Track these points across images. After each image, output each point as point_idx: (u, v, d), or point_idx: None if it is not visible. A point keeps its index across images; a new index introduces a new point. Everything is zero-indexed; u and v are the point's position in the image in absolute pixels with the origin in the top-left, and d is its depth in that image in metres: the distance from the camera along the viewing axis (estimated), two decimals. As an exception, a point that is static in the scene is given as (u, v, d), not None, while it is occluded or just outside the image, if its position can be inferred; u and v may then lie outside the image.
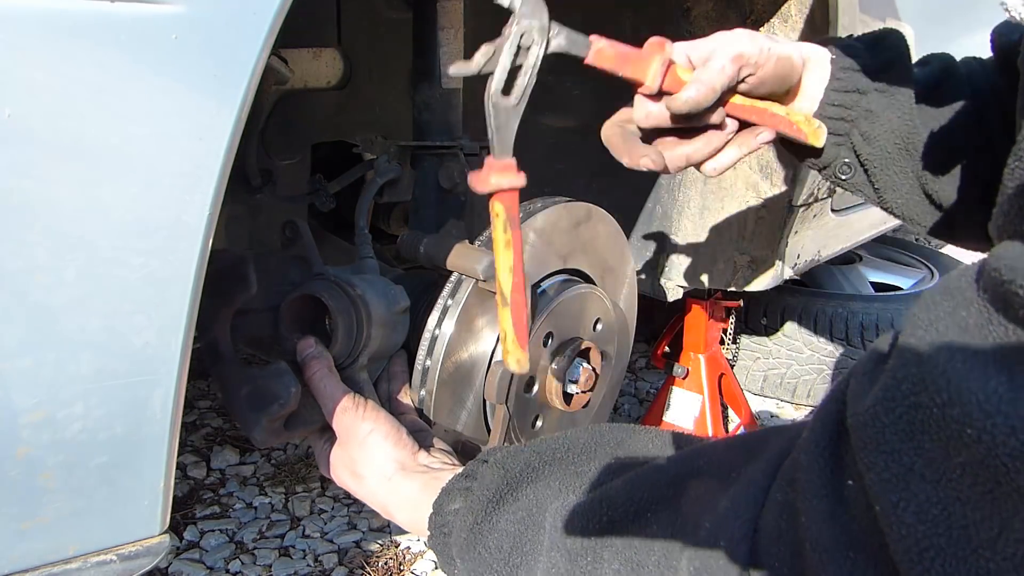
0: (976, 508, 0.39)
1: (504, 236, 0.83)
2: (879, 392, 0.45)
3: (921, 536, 0.41)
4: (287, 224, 1.06)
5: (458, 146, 1.20)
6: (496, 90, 0.78)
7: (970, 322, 0.43)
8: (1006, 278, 0.41)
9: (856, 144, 0.95)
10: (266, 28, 0.64)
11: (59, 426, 0.64)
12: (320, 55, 1.22)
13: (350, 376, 0.99)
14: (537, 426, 1.10)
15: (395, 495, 0.83)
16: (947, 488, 0.40)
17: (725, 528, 0.53)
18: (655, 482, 0.62)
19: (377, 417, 0.87)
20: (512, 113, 0.80)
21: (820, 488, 0.48)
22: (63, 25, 0.56)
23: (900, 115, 0.93)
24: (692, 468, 0.62)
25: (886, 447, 0.43)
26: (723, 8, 1.64)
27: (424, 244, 1.04)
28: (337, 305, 0.96)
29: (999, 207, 0.47)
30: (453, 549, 0.73)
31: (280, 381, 0.88)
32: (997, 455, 0.38)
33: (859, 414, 0.45)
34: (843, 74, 0.94)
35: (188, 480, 1.97)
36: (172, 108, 0.62)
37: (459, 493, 0.75)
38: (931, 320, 0.45)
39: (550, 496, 0.69)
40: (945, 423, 0.40)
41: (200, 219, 0.65)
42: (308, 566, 1.70)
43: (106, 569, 0.72)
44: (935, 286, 0.48)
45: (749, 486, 0.55)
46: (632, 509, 0.61)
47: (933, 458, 0.41)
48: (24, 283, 0.60)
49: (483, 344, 1.02)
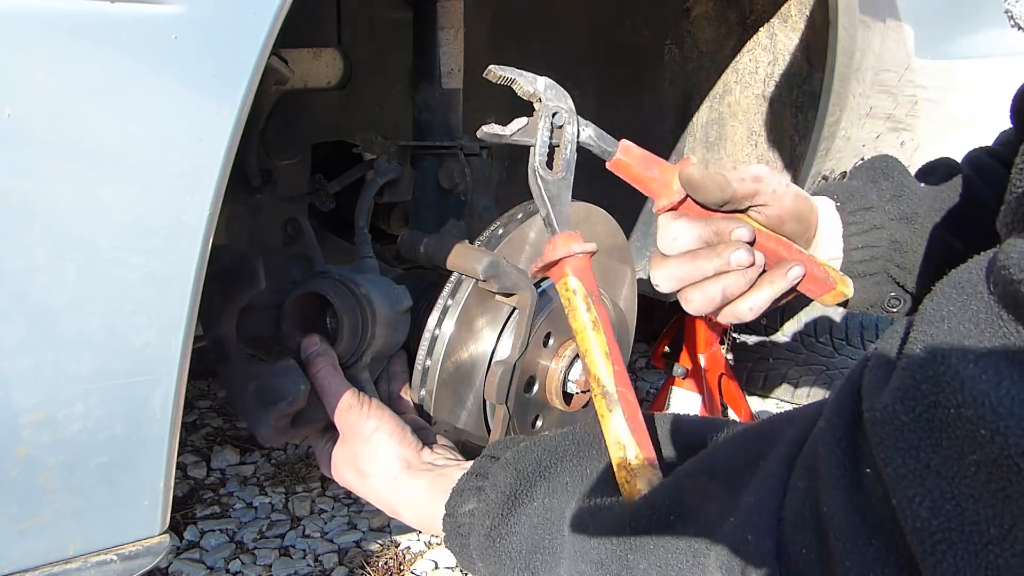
0: (988, 505, 0.40)
1: (589, 315, 0.74)
2: (897, 391, 0.46)
3: (935, 530, 0.42)
4: (289, 221, 1.06)
5: (458, 146, 1.20)
6: (540, 163, 0.78)
7: (980, 318, 0.44)
8: (1016, 278, 0.42)
9: (896, 276, 0.94)
10: (266, 28, 0.64)
11: (59, 426, 0.64)
12: (320, 55, 1.22)
13: (353, 375, 0.98)
14: (537, 426, 1.10)
15: (401, 494, 0.83)
16: (961, 485, 0.42)
17: (750, 522, 0.54)
18: (676, 487, 0.63)
19: (382, 415, 0.87)
20: (562, 185, 0.79)
21: (839, 478, 0.49)
22: (63, 25, 0.56)
23: (927, 235, 0.92)
24: (710, 467, 0.63)
25: (904, 444, 0.44)
26: (723, 8, 1.64)
27: (424, 244, 1.04)
28: (343, 303, 0.96)
29: (1007, 204, 0.47)
30: (473, 551, 0.73)
31: (288, 378, 0.87)
32: (1009, 455, 0.39)
33: (876, 410, 0.47)
34: (854, 217, 0.93)
35: (188, 480, 1.97)
36: (172, 108, 0.62)
37: (472, 493, 0.75)
38: (942, 316, 0.46)
39: (566, 497, 0.69)
40: (960, 423, 0.42)
41: (200, 219, 0.65)
42: (308, 566, 1.70)
43: (106, 569, 0.72)
44: (946, 280, 0.49)
45: (769, 479, 0.56)
46: (656, 514, 0.62)
47: (949, 456, 0.42)
48: (24, 283, 0.59)
49: (483, 344, 1.02)
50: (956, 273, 0.48)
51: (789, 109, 1.66)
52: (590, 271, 0.77)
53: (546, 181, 0.78)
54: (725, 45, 1.68)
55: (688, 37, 1.71)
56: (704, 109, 1.78)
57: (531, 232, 1.06)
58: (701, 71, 1.74)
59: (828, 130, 1.57)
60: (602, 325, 0.74)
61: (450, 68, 1.19)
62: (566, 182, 0.79)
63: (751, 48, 1.65)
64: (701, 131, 1.80)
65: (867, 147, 1.76)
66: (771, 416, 0.64)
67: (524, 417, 1.07)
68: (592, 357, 0.73)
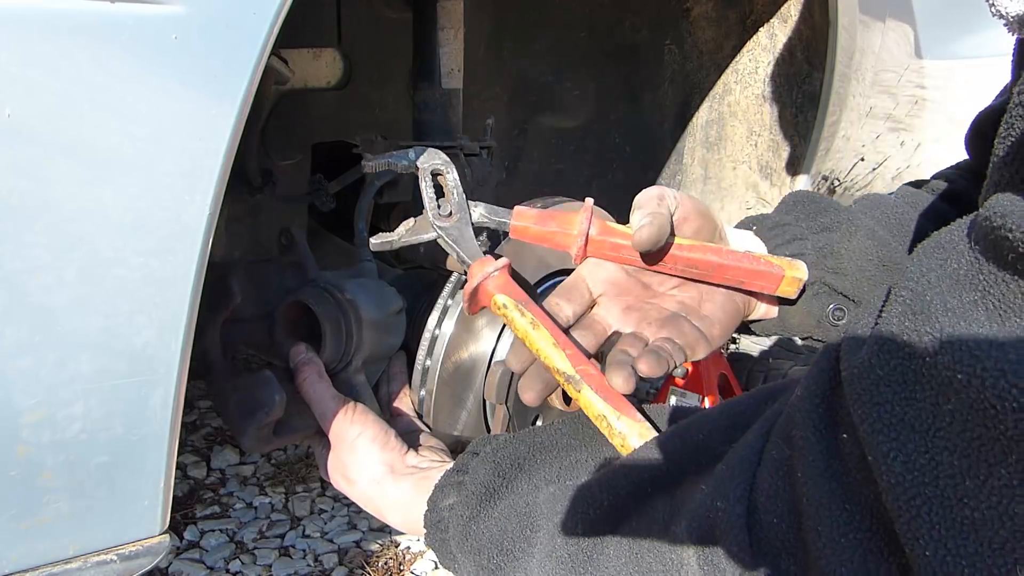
0: (963, 456, 0.39)
1: (525, 319, 0.77)
2: (873, 345, 0.45)
3: (909, 485, 0.41)
4: (283, 232, 1.08)
5: (458, 146, 1.20)
6: (434, 216, 0.84)
7: (961, 272, 0.43)
8: (996, 224, 0.41)
9: (833, 283, 0.88)
10: (266, 28, 0.64)
11: (59, 426, 0.64)
12: (320, 55, 1.22)
13: (345, 379, 1.00)
14: (537, 426, 1.10)
15: (386, 498, 0.84)
16: (936, 438, 0.41)
17: (721, 490, 0.54)
18: (654, 461, 0.62)
19: (365, 421, 0.88)
20: (460, 226, 0.84)
21: (815, 444, 0.48)
22: (63, 25, 0.56)
23: (861, 236, 0.88)
24: (690, 442, 0.62)
25: (879, 398, 0.43)
26: (723, 8, 1.64)
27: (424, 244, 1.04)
28: (324, 310, 0.98)
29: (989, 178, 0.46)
30: (452, 544, 0.73)
31: (266, 389, 0.90)
32: (986, 397, 0.38)
33: (853, 367, 0.46)
34: (772, 232, 0.90)
35: (188, 480, 1.97)
36: (172, 108, 0.62)
37: (452, 488, 0.76)
38: (922, 272, 0.45)
39: (544, 482, 0.69)
40: (936, 371, 0.41)
41: (200, 219, 0.65)
42: (308, 566, 1.69)
43: (106, 569, 0.72)
44: (928, 240, 0.48)
45: (744, 448, 0.56)
46: (632, 491, 0.61)
47: (923, 408, 0.41)
48: (24, 283, 0.59)
49: (483, 344, 1.02)
50: (937, 234, 0.48)
51: (789, 109, 1.66)
52: (511, 280, 0.81)
53: (445, 228, 0.84)
54: (725, 45, 1.68)
55: (688, 37, 1.71)
56: (704, 109, 1.78)
57: (531, 232, 1.05)
58: (701, 71, 1.74)
59: (828, 130, 1.57)
60: (540, 321, 0.77)
61: (450, 68, 1.19)
62: (463, 220, 0.85)
63: (751, 48, 1.65)
64: (701, 131, 1.80)
65: (867, 147, 1.76)
66: (754, 390, 0.63)
67: (524, 417, 1.07)
68: (544, 353, 0.75)
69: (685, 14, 1.68)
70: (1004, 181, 0.43)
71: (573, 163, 1.88)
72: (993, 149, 0.46)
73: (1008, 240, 0.40)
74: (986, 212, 0.42)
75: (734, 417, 0.62)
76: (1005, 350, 0.38)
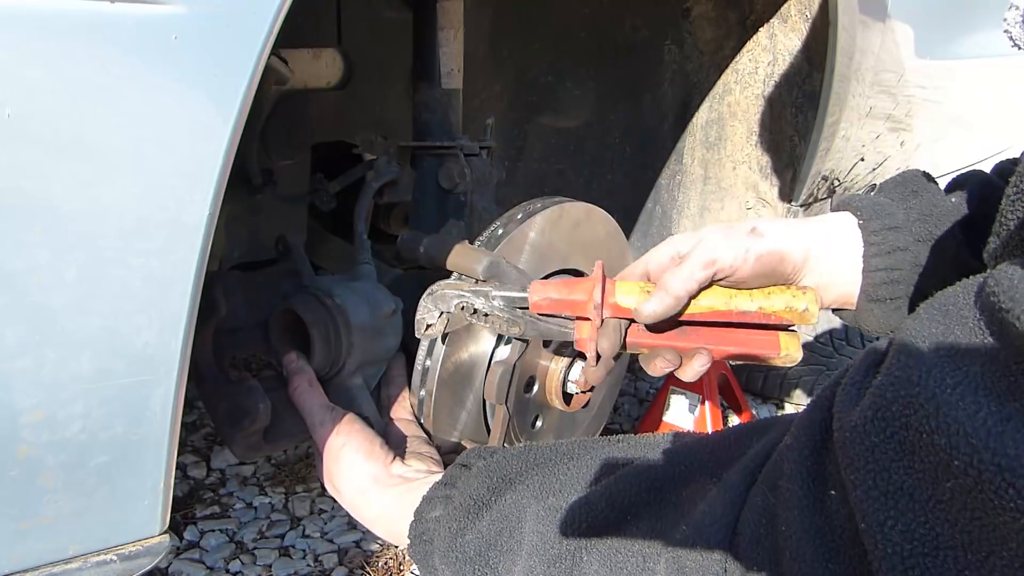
0: (964, 531, 0.39)
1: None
2: (868, 410, 0.44)
3: (907, 555, 0.40)
4: (279, 240, 1.09)
5: (458, 146, 1.20)
6: None
7: (962, 344, 0.42)
8: (1004, 306, 0.40)
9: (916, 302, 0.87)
10: (266, 28, 0.64)
11: (59, 426, 0.64)
12: (320, 55, 1.22)
13: (340, 383, 1.00)
14: (537, 426, 1.10)
15: (370, 508, 0.84)
16: (936, 510, 0.40)
17: (702, 532, 0.53)
18: (636, 487, 0.62)
19: (349, 430, 0.88)
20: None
21: (802, 498, 0.48)
22: (63, 25, 0.56)
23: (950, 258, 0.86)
24: (674, 473, 0.62)
25: (875, 465, 0.42)
26: (723, 8, 1.64)
27: (424, 244, 1.04)
28: (312, 317, 0.99)
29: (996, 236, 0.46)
30: (436, 557, 0.73)
31: (251, 398, 0.91)
32: (983, 491, 0.37)
33: (846, 429, 0.45)
34: (877, 236, 0.88)
35: (188, 480, 1.97)
36: (172, 108, 0.62)
37: (440, 501, 0.76)
38: (924, 337, 0.44)
39: (530, 499, 0.69)
40: (933, 450, 0.40)
41: (200, 219, 0.65)
42: (308, 566, 1.69)
43: (106, 569, 0.72)
44: (931, 301, 0.47)
45: (727, 490, 0.55)
46: (612, 515, 0.61)
47: (923, 479, 0.40)
48: (24, 283, 0.59)
49: (483, 344, 1.02)
50: (942, 295, 0.46)
51: (789, 109, 1.66)
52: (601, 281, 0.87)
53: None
54: (725, 45, 1.68)
55: (688, 37, 1.71)
56: (704, 109, 1.78)
57: (531, 232, 1.05)
58: (701, 71, 1.74)
59: (828, 130, 1.57)
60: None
61: (450, 68, 1.19)
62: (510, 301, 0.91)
63: (751, 48, 1.65)
64: (701, 131, 1.80)
65: (867, 147, 1.76)
66: (742, 424, 0.63)
67: (524, 417, 1.07)
68: None
69: (685, 14, 1.68)
70: (1013, 244, 0.43)
71: (573, 163, 1.88)
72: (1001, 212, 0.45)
73: (1015, 327, 0.39)
74: (993, 286, 0.41)
75: (716, 452, 0.62)
76: (1003, 442, 0.37)
